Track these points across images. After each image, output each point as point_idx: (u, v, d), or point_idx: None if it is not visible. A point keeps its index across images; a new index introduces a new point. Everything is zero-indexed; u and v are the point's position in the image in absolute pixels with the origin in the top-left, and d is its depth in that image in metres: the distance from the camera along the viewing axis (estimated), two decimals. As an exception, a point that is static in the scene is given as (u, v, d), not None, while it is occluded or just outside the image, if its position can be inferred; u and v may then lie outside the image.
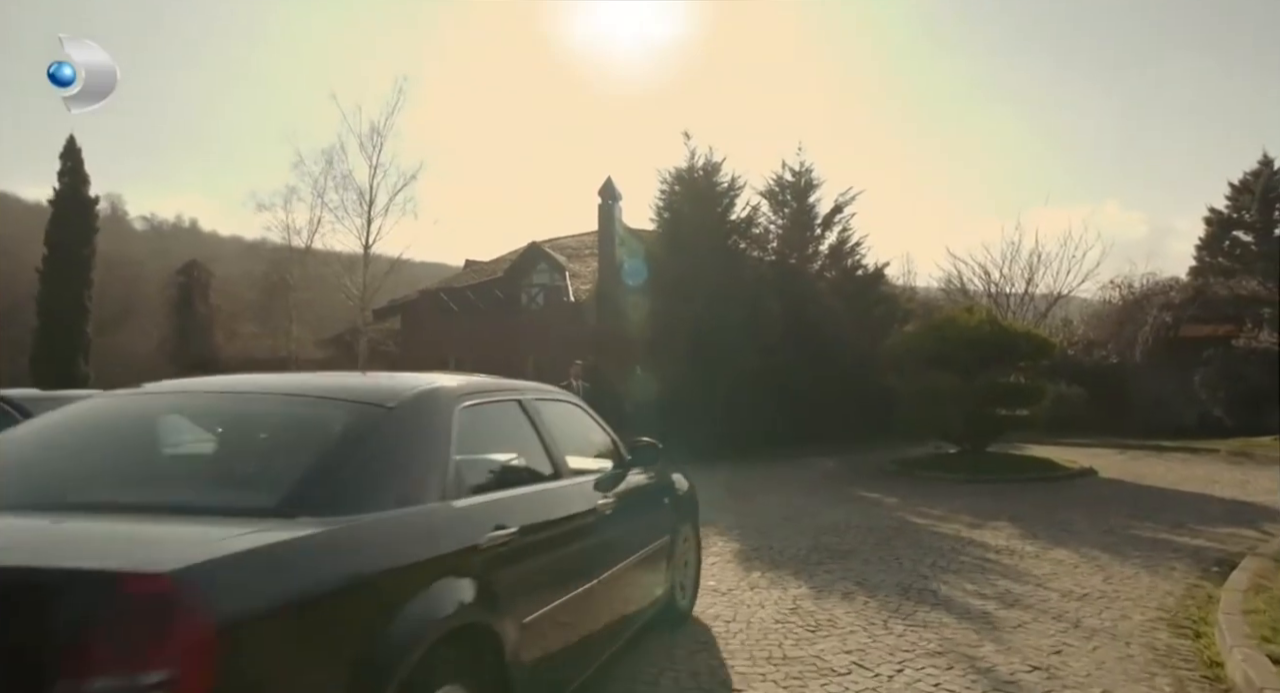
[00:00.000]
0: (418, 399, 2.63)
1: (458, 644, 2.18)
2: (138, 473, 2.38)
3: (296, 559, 1.82)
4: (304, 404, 2.63)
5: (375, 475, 2.26)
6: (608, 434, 4.00)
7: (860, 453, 15.59)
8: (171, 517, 1.96)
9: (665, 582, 4.21)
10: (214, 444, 2.65)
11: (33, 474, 2.34)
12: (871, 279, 18.70)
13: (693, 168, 17.72)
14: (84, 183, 26.33)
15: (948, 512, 8.64)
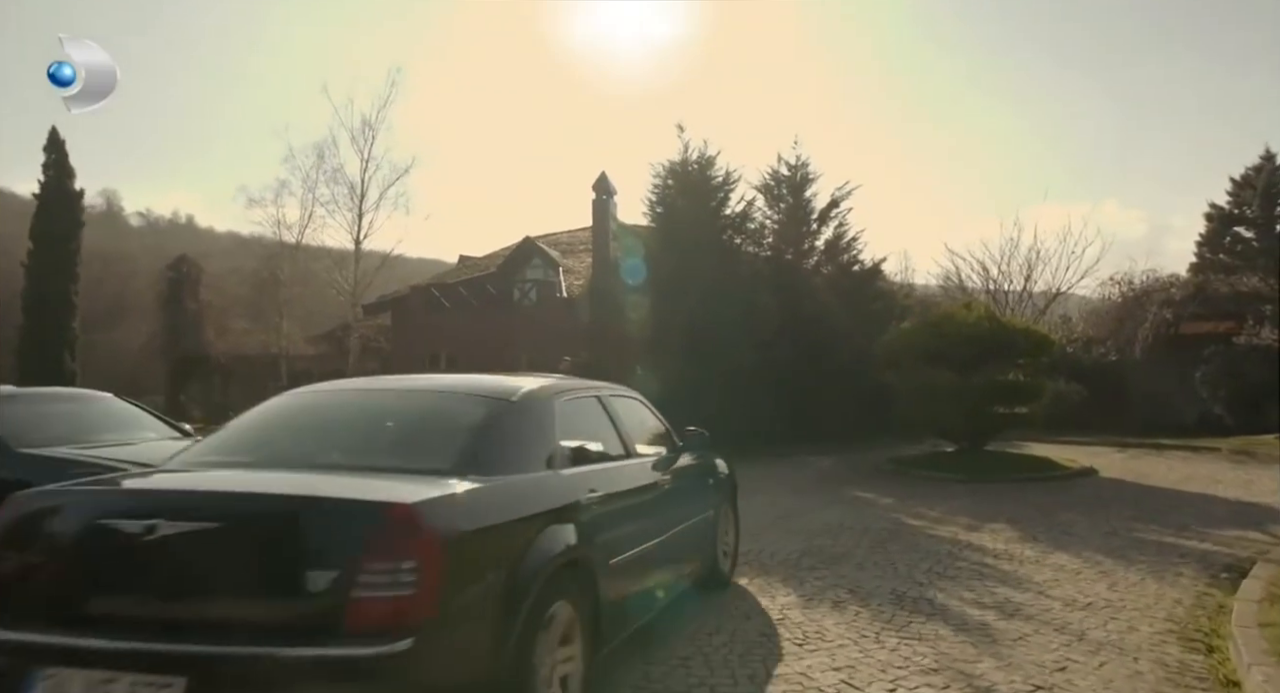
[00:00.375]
0: (529, 395, 3.44)
1: (568, 572, 2.91)
2: (351, 445, 3.19)
3: (472, 501, 2.64)
4: (453, 398, 3.49)
5: (507, 449, 3.08)
6: (663, 423, 4.82)
7: (857, 451, 15.34)
8: (386, 473, 2.76)
9: (710, 549, 5.00)
10: (397, 426, 3.36)
11: (278, 445, 3.21)
12: (868, 275, 18.42)
13: (686, 161, 17.43)
14: (69, 176, 25.93)
15: (945, 513, 8.38)
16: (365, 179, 23.96)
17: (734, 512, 5.59)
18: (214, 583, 2.36)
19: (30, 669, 2.24)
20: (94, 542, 2.44)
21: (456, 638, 2.40)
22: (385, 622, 2.20)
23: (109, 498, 2.72)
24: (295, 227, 24.46)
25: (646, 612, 3.92)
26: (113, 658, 2.23)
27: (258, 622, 2.28)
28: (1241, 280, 20.73)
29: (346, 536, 2.31)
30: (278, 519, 2.43)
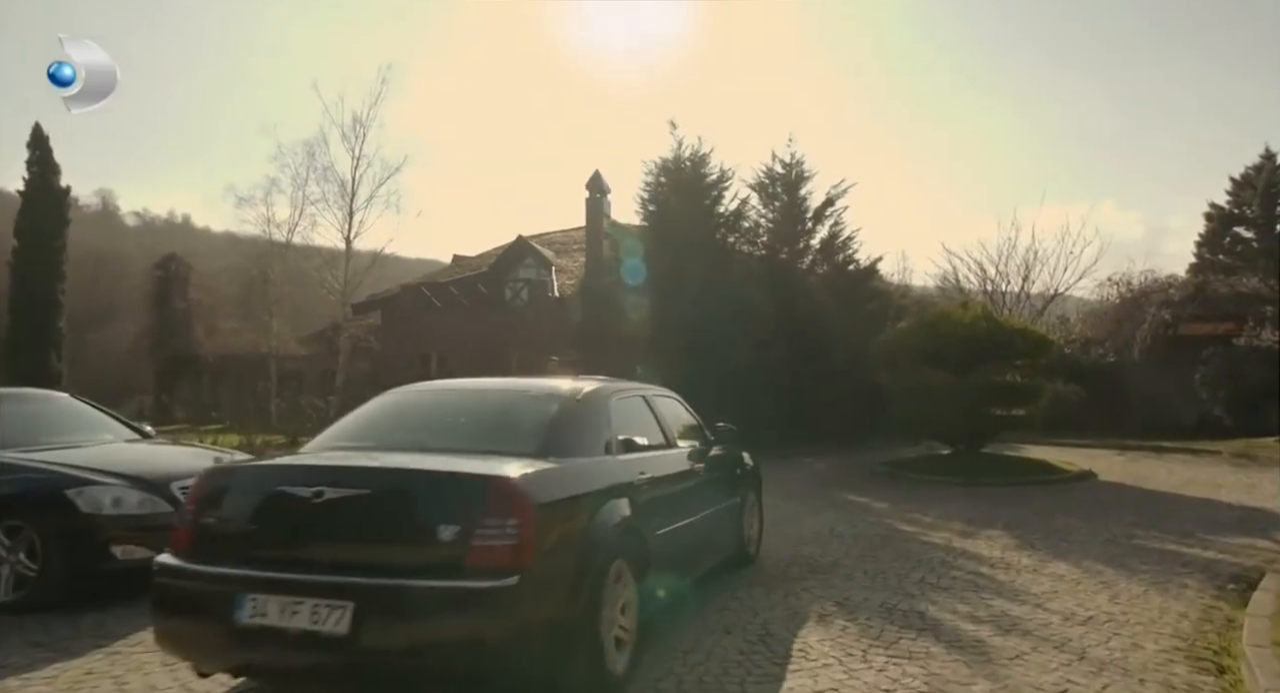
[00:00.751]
0: (591, 394, 4.14)
1: (624, 536, 3.57)
2: (452, 433, 3.84)
3: (554, 476, 3.29)
4: (530, 396, 4.17)
5: (575, 437, 3.75)
6: (697, 420, 5.49)
7: (852, 453, 15.08)
8: (487, 455, 3.34)
9: (738, 531, 5.70)
10: (487, 418, 4.01)
11: (390, 433, 3.90)
12: (864, 274, 18.15)
13: (679, 158, 17.17)
14: (54, 173, 25.49)
15: (939, 518, 8.11)
16: (356, 177, 23.61)
17: (759, 499, 6.26)
18: (369, 534, 3.05)
19: (237, 594, 2.94)
20: (275, 503, 3.20)
21: (546, 577, 3.02)
22: (496, 564, 2.85)
23: (284, 472, 3.45)
24: (285, 225, 24.09)
25: (686, 575, 4.61)
26: (298, 587, 2.90)
27: (403, 562, 2.98)
28: (1241, 281, 20.51)
29: (467, 500, 2.98)
30: (415, 487, 3.17)
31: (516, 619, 2.87)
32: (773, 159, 18.34)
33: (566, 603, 3.11)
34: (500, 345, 20.82)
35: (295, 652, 2.92)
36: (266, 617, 2.90)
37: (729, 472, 5.60)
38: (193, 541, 3.23)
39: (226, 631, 2.95)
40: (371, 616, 2.85)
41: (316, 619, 2.85)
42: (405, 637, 2.89)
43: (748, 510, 5.91)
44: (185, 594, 3.12)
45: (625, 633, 3.53)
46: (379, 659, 2.89)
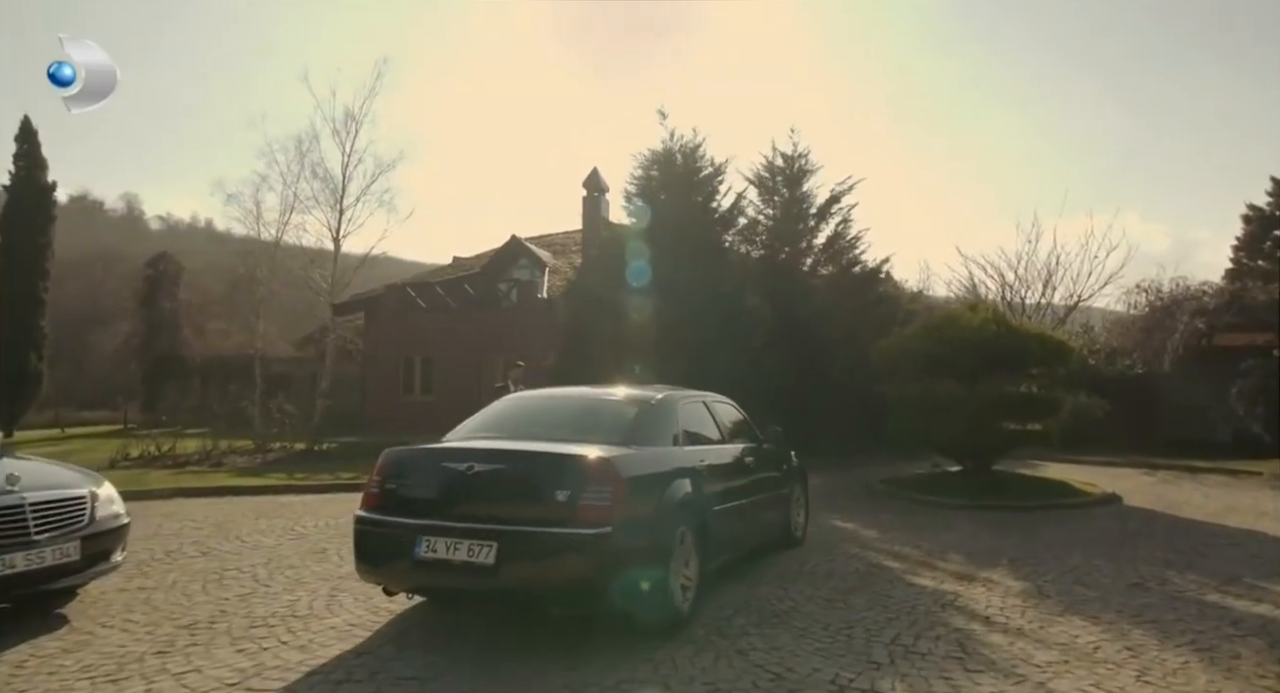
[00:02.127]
0: (664, 398, 5.35)
1: (688, 509, 4.65)
2: (561, 427, 4.93)
3: (637, 459, 4.46)
4: (619, 400, 5.34)
5: (653, 432, 4.95)
6: (749, 422, 6.51)
7: (853, 469, 13.85)
8: (586, 443, 4.39)
9: (785, 517, 6.77)
10: (587, 415, 5.18)
11: (515, 427, 5.01)
12: (870, 276, 16.88)
13: (671, 150, 16.05)
14: (40, 168, 24.88)
15: (934, 551, 6.89)
16: (347, 173, 22.73)
17: (805, 493, 7.30)
18: (507, 496, 4.15)
19: (416, 536, 4.05)
20: (440, 474, 4.33)
21: (629, 530, 4.01)
22: (595, 518, 3.92)
23: (446, 452, 4.47)
24: (274, 223, 23.24)
25: (741, 548, 5.76)
26: (459, 532, 3.98)
27: (531, 515, 4.04)
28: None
29: (577, 473, 4.05)
30: (540, 463, 4.26)
31: (607, 558, 3.91)
32: (773, 151, 17.19)
33: (643, 551, 4.11)
34: (486, 348, 19.78)
35: (457, 576, 3.97)
36: (437, 553, 3.97)
37: (777, 466, 6.62)
38: (379, 500, 4.30)
39: (409, 562, 4.04)
40: (509, 551, 3.89)
41: (472, 553, 3.91)
42: (532, 567, 3.93)
43: (794, 501, 6.98)
44: (378, 538, 4.22)
45: (689, 581, 4.56)
46: (514, 583, 3.94)
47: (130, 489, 10.56)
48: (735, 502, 5.43)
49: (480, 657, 3.98)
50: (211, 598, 4.90)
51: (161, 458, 13.71)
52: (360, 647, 4.06)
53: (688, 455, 5.00)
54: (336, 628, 4.37)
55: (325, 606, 4.78)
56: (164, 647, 3.96)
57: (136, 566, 5.82)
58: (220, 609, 4.65)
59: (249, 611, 4.63)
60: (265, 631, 4.27)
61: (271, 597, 4.96)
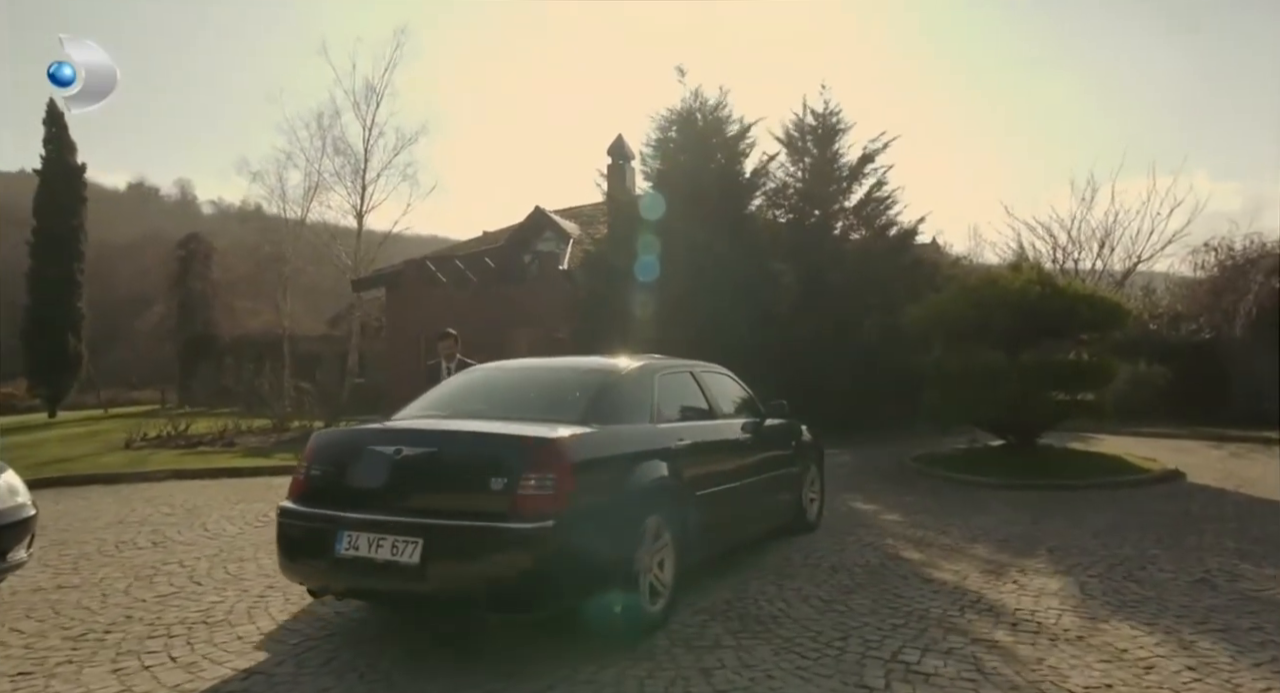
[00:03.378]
0: (637, 369, 4.67)
1: (660, 495, 4.07)
2: (513, 403, 4.44)
3: (593, 440, 3.80)
4: (582, 371, 4.74)
5: (619, 407, 4.28)
6: (748, 394, 5.87)
7: (885, 444, 13.00)
8: (537, 422, 3.85)
9: (793, 500, 6.06)
10: (543, 391, 4.60)
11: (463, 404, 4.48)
12: (905, 237, 15.79)
13: (691, 110, 15.14)
14: (69, 150, 25.00)
15: (962, 538, 6.09)
16: (368, 147, 22.33)
17: (820, 471, 6.58)
18: (437, 484, 3.61)
19: (337, 530, 3.51)
20: (366, 459, 3.72)
21: (580, 523, 3.46)
22: (535, 509, 3.33)
23: (373, 434, 3.94)
24: (299, 200, 23.02)
25: (735, 537, 5.17)
26: (382, 526, 3.44)
27: (463, 507, 3.47)
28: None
29: (514, 457, 3.48)
30: (474, 446, 3.71)
31: (550, 556, 3.31)
32: (803, 109, 16.13)
33: (598, 547, 3.55)
34: (508, 322, 19.27)
35: (379, 577, 3.42)
36: (358, 549, 3.43)
37: (783, 443, 5.95)
38: (305, 489, 3.81)
39: (329, 560, 3.50)
40: (436, 549, 3.33)
41: (396, 551, 3.36)
42: (461, 567, 3.38)
43: (807, 482, 6.28)
44: (298, 531, 3.70)
45: (661, 585, 3.99)
46: (441, 585, 3.39)
47: (130, 471, 10.41)
48: (728, 485, 4.85)
49: (393, 675, 3.38)
50: (127, 601, 4.41)
51: (175, 438, 13.54)
52: (258, 665, 3.47)
53: (664, 434, 4.40)
54: (245, 638, 3.82)
55: (248, 610, 4.23)
56: (31, 667, 3.43)
57: (74, 559, 5.39)
58: (127, 615, 4.14)
59: (159, 617, 4.11)
60: (161, 643, 3.73)
61: (194, 598, 4.44)
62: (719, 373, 5.70)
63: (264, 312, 25.79)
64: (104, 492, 8.83)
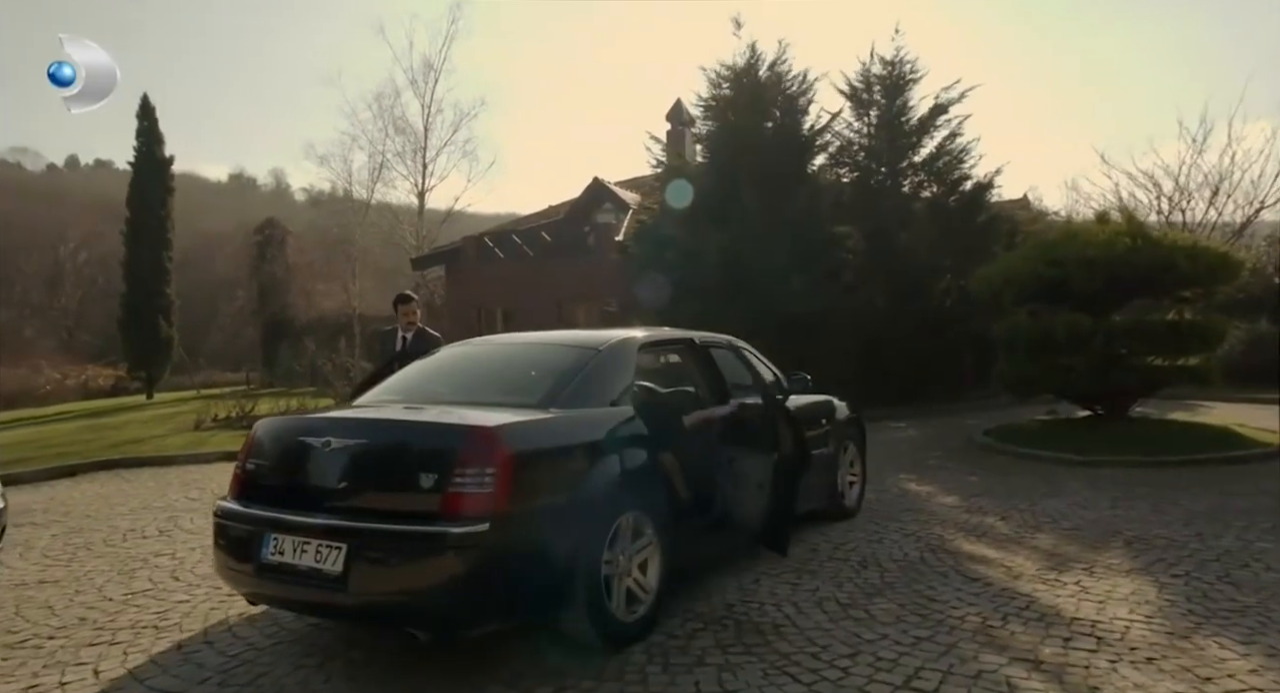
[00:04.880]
0: (614, 345, 4.06)
1: (638, 487, 3.53)
2: (473, 386, 4.00)
3: (546, 427, 3.35)
4: (553, 348, 4.20)
5: (589, 389, 3.72)
6: (767, 368, 5.23)
7: (959, 416, 12.12)
8: (489, 407, 3.45)
9: (824, 483, 5.43)
10: (508, 371, 4.12)
11: (424, 387, 4.05)
12: (979, 193, 14.54)
13: (751, 65, 14.27)
14: (159, 143, 26.00)
15: (1022, 526, 5.35)
16: (428, 124, 22.30)
17: (860, 450, 5.99)
18: (366, 481, 3.15)
19: (264, 533, 3.15)
20: (297, 452, 3.34)
21: (525, 526, 3.00)
22: (470, 510, 2.88)
23: (306, 423, 3.57)
24: (365, 182, 23.28)
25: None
26: (307, 529, 3.06)
27: (391, 507, 3.05)
28: None
29: (447, 449, 3.02)
30: (404, 437, 3.28)
31: (487, 564, 2.88)
32: (870, 57, 15.00)
33: (552, 550, 3.09)
34: (566, 296, 19.00)
35: (302, 588, 3.04)
36: (283, 554, 3.08)
37: (812, 422, 5.34)
38: (241, 485, 3.45)
39: (254, 565, 3.14)
40: (360, 556, 2.93)
41: (319, 558, 2.98)
42: (386, 577, 2.95)
43: (843, 462, 5.71)
44: (229, 532, 3.31)
45: (642, 591, 3.52)
46: (364, 597, 2.97)
47: (184, 453, 10.59)
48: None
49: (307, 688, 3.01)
50: (94, 600, 4.21)
51: (240, 419, 13.83)
52: (176, 684, 3.14)
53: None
54: (184, 647, 3.51)
55: (207, 613, 3.95)
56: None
57: (75, 549, 5.31)
58: (83, 617, 3.93)
59: (113, 620, 3.88)
60: (97, 653, 3.46)
61: (162, 598, 4.21)
62: (729, 346, 5.07)
63: (337, 293, 26.39)
64: (152, 474, 8.96)
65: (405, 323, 6.37)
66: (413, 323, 6.38)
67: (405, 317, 6.38)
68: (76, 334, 40.04)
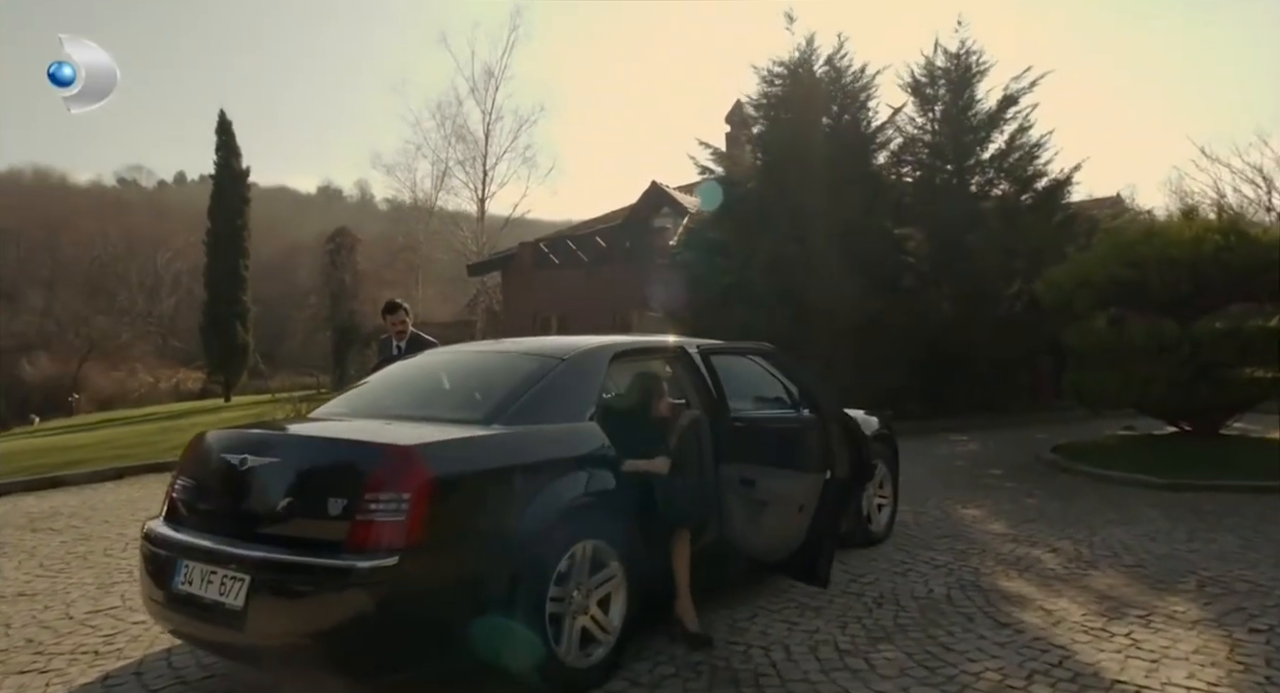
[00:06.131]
0: (582, 354, 3.62)
1: (595, 515, 3.15)
2: (420, 400, 3.63)
3: (478, 446, 2.96)
4: (513, 357, 3.80)
5: (544, 402, 3.30)
6: (778, 380, 4.55)
7: (1023, 430, 11.28)
8: (427, 422, 3.13)
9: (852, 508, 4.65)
10: (461, 382, 3.71)
11: (372, 400, 3.73)
12: (1055, 190, 13.54)
13: (805, 60, 13.70)
14: (236, 156, 27.16)
15: (1076, 561, 4.68)
16: (488, 132, 22.48)
17: (891, 471, 5.39)
18: (276, 504, 2.82)
19: (178, 559, 2.88)
20: (216, 470, 3.05)
21: (445, 559, 2.66)
22: (377, 541, 2.53)
23: (230, 438, 3.17)
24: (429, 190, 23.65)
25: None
26: (214, 556, 2.77)
27: (297, 535, 2.72)
28: None
29: (359, 471, 2.69)
30: (317, 456, 2.97)
31: (398, 604, 2.54)
32: (934, 49, 14.23)
33: (481, 588, 2.74)
34: (621, 301, 18.73)
35: (206, 624, 2.76)
36: (192, 585, 2.81)
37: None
38: (169, 504, 3.22)
39: (166, 595, 2.90)
40: (261, 590, 2.63)
41: (223, 591, 2.69)
42: (287, 616, 2.63)
43: (871, 482, 5.09)
44: (151, 557, 3.06)
45: (601, 630, 3.12)
46: (263, 638, 2.66)
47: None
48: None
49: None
50: (53, 618, 4.02)
51: (294, 423, 14.07)
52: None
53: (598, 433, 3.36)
54: (112, 677, 3.29)
55: (155, 638, 3.68)
56: None
57: (72, 559, 5.23)
58: (31, 638, 3.74)
59: (59, 643, 3.66)
60: (21, 682, 3.27)
61: (121, 618, 3.99)
62: (738, 353, 4.52)
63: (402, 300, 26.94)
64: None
65: (395, 332, 6.11)
66: (404, 332, 6.11)
67: (394, 326, 6.12)
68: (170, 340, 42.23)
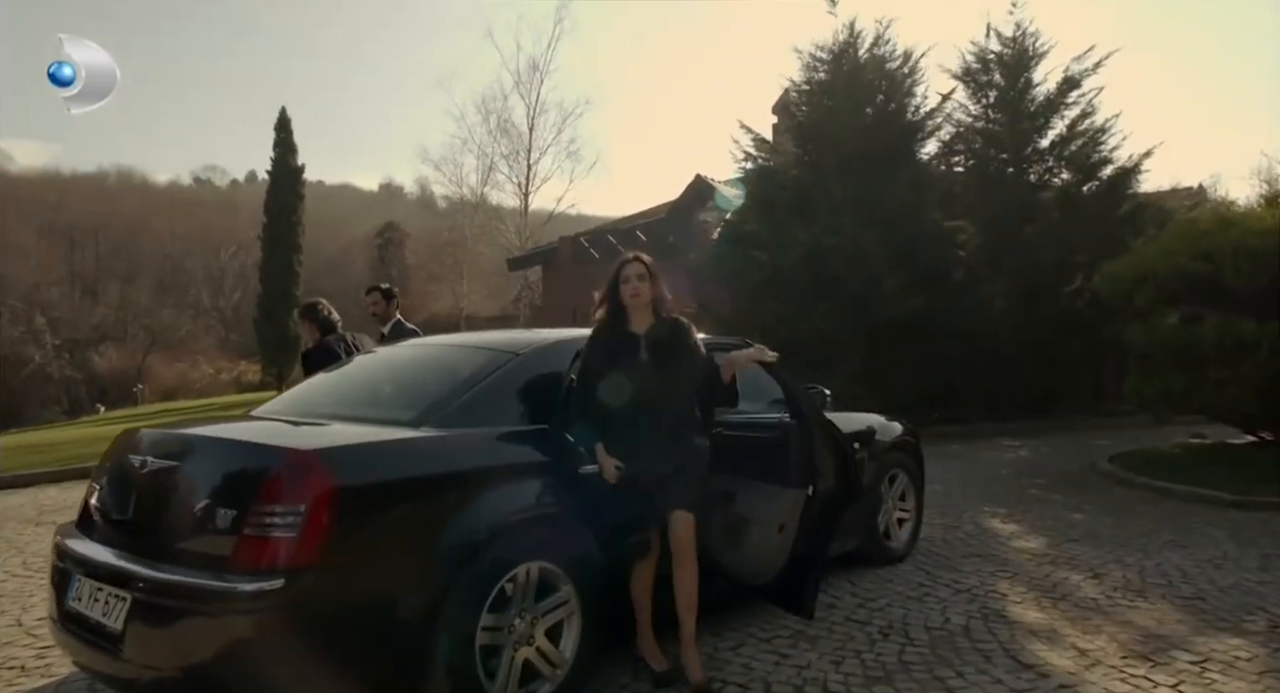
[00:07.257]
0: (541, 349, 3.27)
1: (549, 528, 2.79)
2: (356, 398, 3.31)
3: (396, 451, 2.59)
4: (464, 351, 3.47)
5: (489, 402, 2.94)
6: (786, 381, 3.84)
7: (1084, 434, 10.55)
8: (352, 423, 2.83)
9: (863, 519, 4.37)
10: (404, 379, 3.37)
11: (310, 399, 3.40)
12: (1121, 179, 12.61)
13: (849, 45, 13.05)
14: (292, 153, 27.70)
15: (1119, 590, 4.12)
16: (532, 125, 22.38)
17: (914, 482, 4.91)
18: (168, 513, 2.53)
19: (71, 572, 2.62)
20: (119, 474, 2.77)
21: (352, 581, 2.33)
22: (263, 559, 2.23)
23: (141, 438, 2.85)
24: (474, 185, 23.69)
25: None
26: (101, 571, 2.50)
27: (183, 549, 2.41)
28: None
29: (254, 478, 2.39)
30: (211, 461, 2.61)
31: (288, 634, 2.22)
32: (987, 33, 13.40)
33: (390, 615, 2.38)
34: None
35: (90, 647, 2.45)
36: (80, 602, 2.53)
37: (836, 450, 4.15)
38: (82, 509, 2.95)
39: (59, 612, 2.63)
40: (140, 612, 2.33)
41: (106, 611, 2.40)
42: (164, 643, 2.33)
43: (890, 494, 4.71)
44: (52, 569, 2.79)
45: (549, 664, 2.72)
46: (138, 669, 2.34)
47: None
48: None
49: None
50: (11, 623, 3.91)
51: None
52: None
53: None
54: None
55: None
56: None
57: (55, 550, 5.15)
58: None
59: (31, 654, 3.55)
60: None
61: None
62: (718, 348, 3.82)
63: (446, 294, 27.13)
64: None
65: (380, 318, 5.82)
66: (387, 317, 5.80)
67: (378, 312, 5.83)
68: (232, 333, 43.58)
